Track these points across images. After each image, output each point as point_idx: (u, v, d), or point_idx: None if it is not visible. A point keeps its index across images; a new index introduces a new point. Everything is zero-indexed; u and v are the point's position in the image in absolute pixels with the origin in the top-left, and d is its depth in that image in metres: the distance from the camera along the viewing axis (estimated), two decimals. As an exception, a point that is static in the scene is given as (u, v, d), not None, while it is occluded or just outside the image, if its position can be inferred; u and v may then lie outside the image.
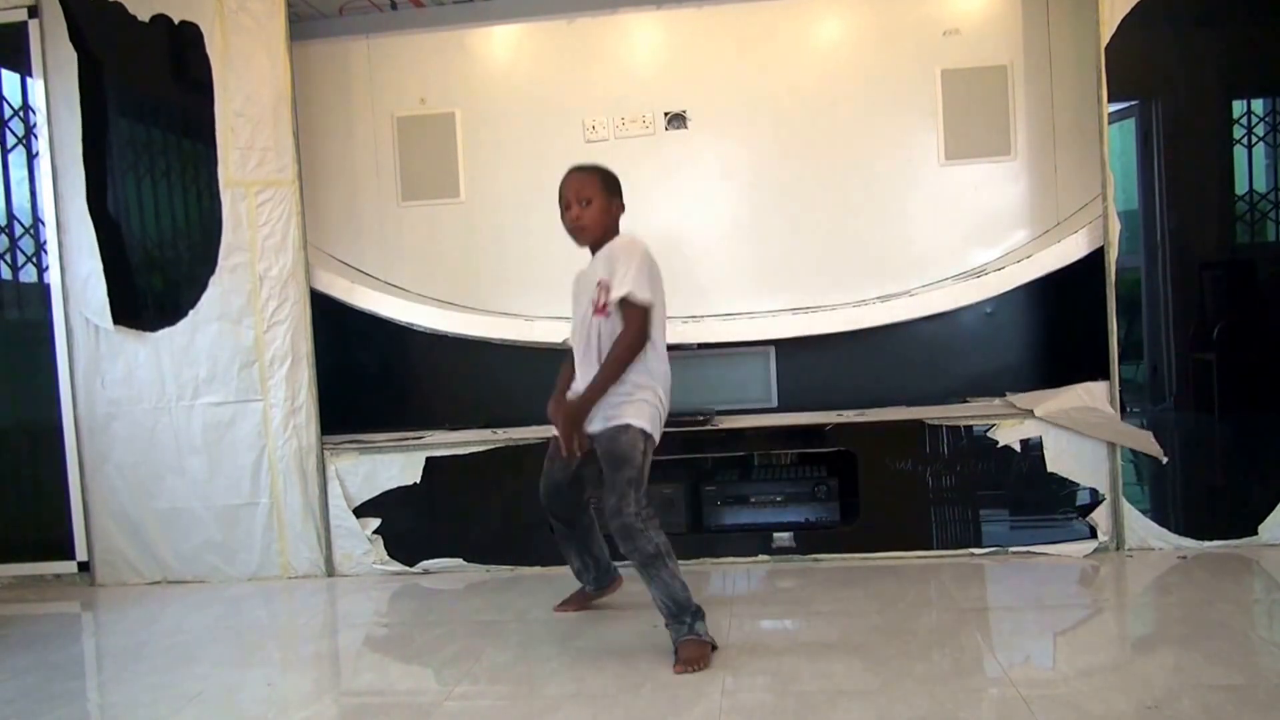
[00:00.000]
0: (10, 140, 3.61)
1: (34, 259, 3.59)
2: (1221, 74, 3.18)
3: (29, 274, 3.61)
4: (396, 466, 3.43)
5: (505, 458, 3.34)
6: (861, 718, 1.99)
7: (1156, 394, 3.26)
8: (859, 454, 3.28)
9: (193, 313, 3.43)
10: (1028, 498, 3.22)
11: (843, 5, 3.67)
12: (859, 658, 2.32)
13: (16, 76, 3.56)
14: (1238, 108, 3.20)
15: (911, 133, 3.61)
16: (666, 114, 3.73)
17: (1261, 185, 3.20)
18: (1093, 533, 3.16)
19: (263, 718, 2.22)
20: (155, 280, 3.57)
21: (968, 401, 3.48)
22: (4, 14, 3.46)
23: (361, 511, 3.43)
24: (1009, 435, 3.20)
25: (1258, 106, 3.20)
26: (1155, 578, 2.93)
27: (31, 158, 3.56)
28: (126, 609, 3.25)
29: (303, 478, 3.42)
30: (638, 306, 2.35)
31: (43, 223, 3.52)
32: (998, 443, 3.20)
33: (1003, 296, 3.47)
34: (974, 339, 3.62)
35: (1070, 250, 3.28)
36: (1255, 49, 3.18)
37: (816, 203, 3.67)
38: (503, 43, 3.85)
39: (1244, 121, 3.19)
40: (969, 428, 3.23)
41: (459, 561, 3.41)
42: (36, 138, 3.50)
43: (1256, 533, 3.11)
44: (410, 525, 3.43)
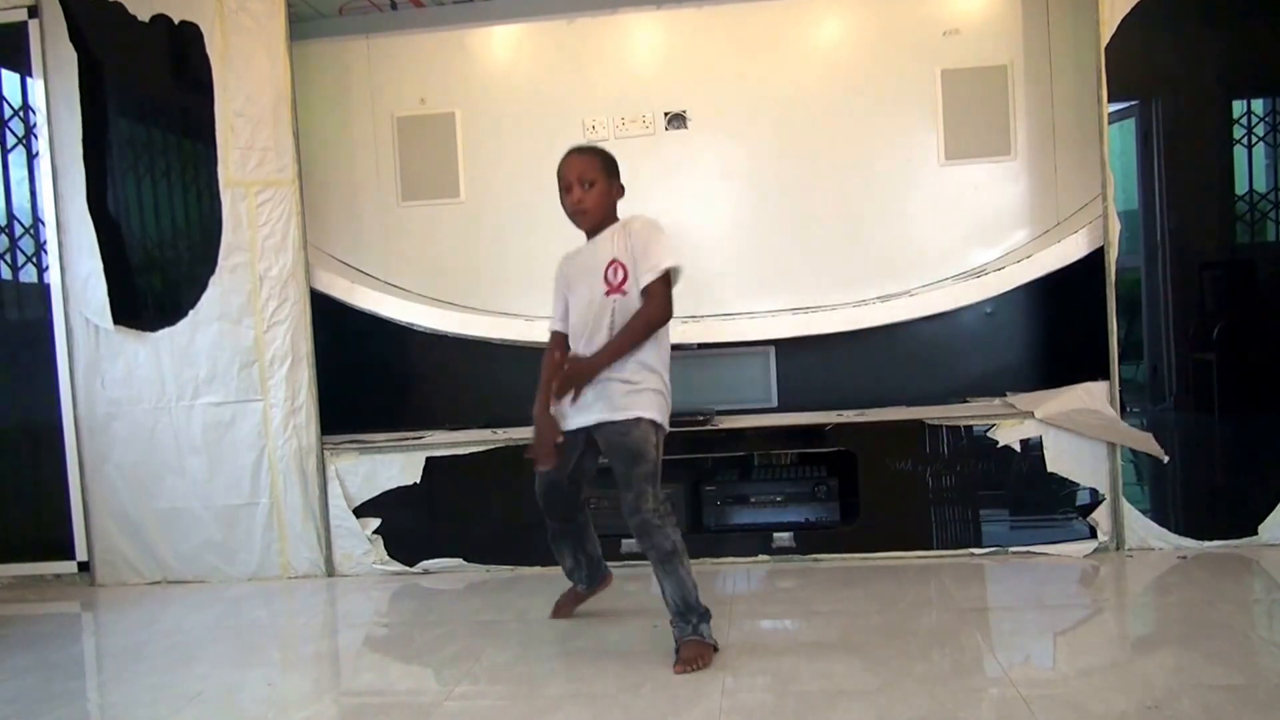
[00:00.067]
0: (10, 140, 3.61)
1: (34, 259, 3.59)
2: (1221, 74, 3.18)
3: (29, 274, 3.61)
4: (396, 466, 3.43)
5: (505, 458, 3.34)
6: (861, 718, 1.99)
7: (1156, 394, 3.26)
8: (859, 454, 3.27)
9: (193, 313, 3.43)
10: (1028, 498, 3.22)
11: (843, 5, 3.67)
12: (859, 658, 2.32)
13: (16, 76, 3.56)
14: (1238, 108, 3.20)
15: (911, 133, 3.61)
16: (666, 114, 3.73)
17: (1261, 185, 3.20)
18: (1093, 533, 3.16)
19: (263, 718, 2.22)
20: (155, 280, 3.57)
21: (968, 401, 3.48)
22: (4, 14, 3.46)
23: (361, 511, 3.43)
24: (1009, 435, 3.20)
25: (1258, 106, 3.20)
26: (1155, 578, 2.93)
27: (31, 158, 3.56)
28: (126, 609, 3.25)
29: (303, 478, 3.42)
30: (665, 281, 2.31)
31: (43, 223, 3.52)
32: (998, 443, 3.20)
33: (1003, 296, 3.47)
34: (974, 339, 3.62)
35: (1070, 250, 3.28)
36: (1255, 49, 3.18)
37: (816, 203, 3.68)
38: (503, 43, 3.86)
39: (1244, 121, 3.19)
40: (969, 428, 3.23)
41: (459, 561, 3.41)
42: (36, 138, 3.50)
43: (1256, 533, 3.11)
44: (410, 525, 3.43)
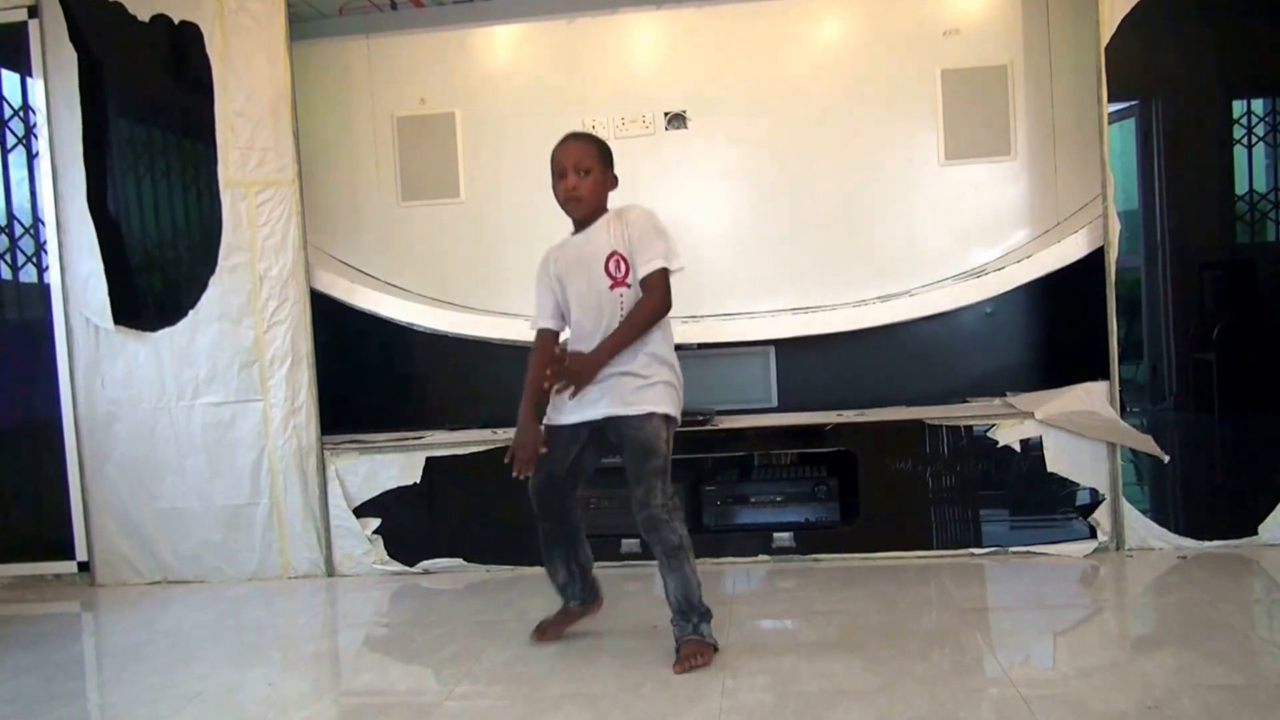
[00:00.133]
0: (10, 140, 3.61)
1: (34, 259, 3.59)
2: (1221, 74, 3.18)
3: (29, 274, 3.61)
4: (396, 466, 3.43)
5: (504, 457, 3.33)
6: (861, 718, 1.99)
7: (1156, 394, 3.26)
8: (859, 454, 3.27)
9: (193, 313, 3.43)
10: (1028, 498, 3.22)
11: (843, 5, 3.67)
12: (859, 658, 2.32)
13: (16, 76, 3.56)
14: (1238, 108, 3.20)
15: (911, 133, 3.61)
16: (666, 114, 3.73)
17: (1261, 185, 3.20)
18: (1093, 533, 3.16)
19: (263, 718, 2.22)
20: (155, 280, 3.57)
21: (968, 401, 3.48)
22: (4, 14, 3.46)
23: (361, 511, 3.43)
24: (1009, 435, 3.20)
25: (1258, 106, 3.20)
26: (1155, 578, 2.93)
27: (31, 158, 3.56)
28: (126, 609, 3.25)
29: (303, 478, 3.42)
30: (664, 272, 2.30)
31: (43, 223, 3.52)
32: (998, 443, 3.20)
33: (1003, 296, 3.47)
34: (974, 339, 3.62)
35: (1070, 250, 3.28)
36: (1255, 49, 3.18)
37: (817, 202, 3.67)
38: (503, 43, 3.86)
39: (1244, 121, 3.19)
40: (969, 428, 3.23)
41: (459, 561, 3.41)
42: (36, 138, 3.50)
43: (1256, 533, 3.11)
44: (410, 525, 3.43)
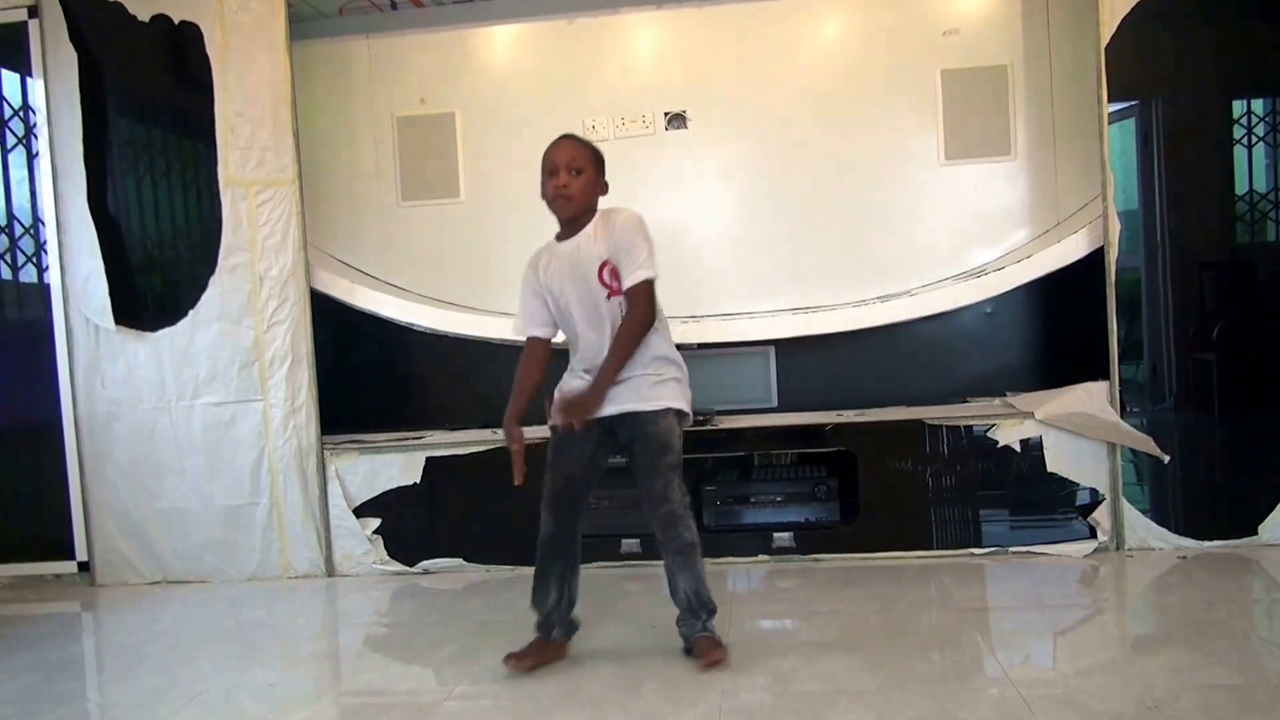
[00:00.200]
0: (10, 140, 3.61)
1: (34, 259, 3.59)
2: (1221, 74, 3.18)
3: (29, 274, 3.61)
4: (396, 466, 3.42)
5: (505, 458, 3.24)
6: (861, 718, 1.99)
7: (1156, 394, 3.26)
8: (859, 454, 3.27)
9: (193, 313, 3.43)
10: (1028, 498, 3.22)
11: (843, 5, 3.67)
12: (859, 658, 2.32)
13: (16, 76, 3.56)
14: (1238, 108, 3.20)
15: (911, 133, 3.61)
16: (666, 114, 3.72)
17: (1261, 185, 3.20)
18: (1093, 533, 3.16)
19: (263, 718, 2.22)
20: (155, 280, 3.57)
21: (968, 401, 3.48)
22: (4, 14, 3.46)
23: (361, 511, 3.43)
24: (1009, 435, 3.20)
25: (1258, 106, 3.20)
26: (1155, 578, 2.93)
27: (31, 158, 3.56)
28: (126, 609, 3.25)
29: (303, 478, 3.42)
30: (649, 282, 2.30)
31: (43, 223, 3.52)
32: (998, 443, 3.20)
33: (1003, 296, 3.47)
34: (974, 339, 3.62)
35: (1070, 250, 3.28)
36: (1255, 49, 3.18)
37: (816, 202, 3.67)
38: (503, 43, 3.86)
39: (1244, 121, 3.19)
40: (969, 428, 3.23)
41: (459, 561, 3.41)
42: (36, 138, 3.50)
43: (1256, 533, 3.11)
44: (410, 525, 3.43)
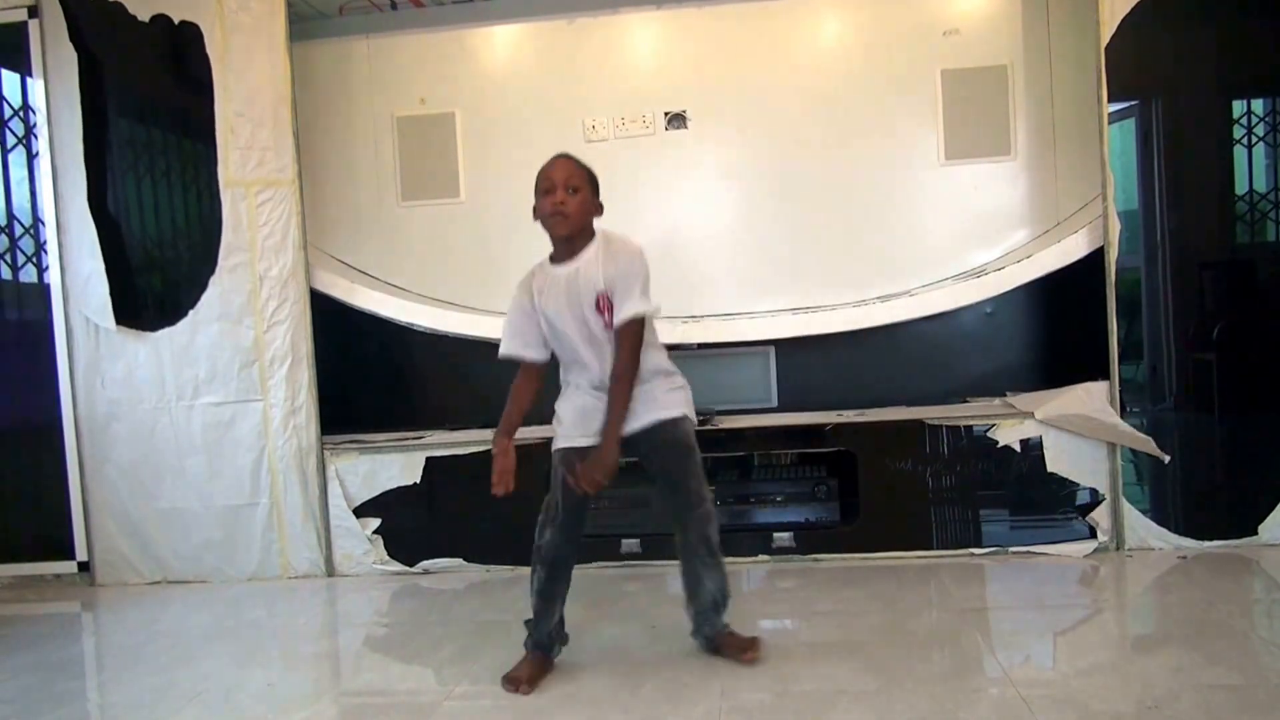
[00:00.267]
0: (10, 140, 3.61)
1: (34, 259, 3.59)
2: (1221, 74, 3.18)
3: (29, 274, 3.61)
4: (396, 466, 3.43)
5: None
6: (861, 718, 1.99)
7: (1156, 394, 3.26)
8: (859, 454, 3.27)
9: (193, 313, 3.43)
10: (1028, 498, 3.22)
11: (843, 5, 3.67)
12: (859, 658, 2.32)
13: (16, 76, 3.56)
14: (1238, 108, 3.20)
15: (911, 133, 3.61)
16: (666, 114, 3.73)
17: (1261, 185, 3.20)
18: (1093, 533, 3.16)
19: (263, 718, 2.22)
20: (155, 280, 3.57)
21: (968, 401, 3.48)
22: (4, 14, 3.46)
23: (361, 511, 3.43)
24: (1009, 435, 3.20)
25: (1258, 106, 3.20)
26: (1155, 578, 2.93)
27: (31, 158, 3.56)
28: (126, 609, 3.25)
29: (303, 478, 3.42)
30: (639, 322, 2.27)
31: (43, 223, 3.52)
32: (998, 443, 3.20)
33: (1003, 296, 3.47)
34: (974, 339, 3.62)
35: (1070, 250, 3.28)
36: (1255, 49, 3.18)
37: (816, 203, 3.67)
38: (503, 43, 3.86)
39: (1244, 121, 3.19)
40: (969, 428, 3.23)
41: (459, 561, 3.41)
42: (36, 138, 3.50)
43: (1256, 533, 3.11)
44: (410, 525, 3.43)
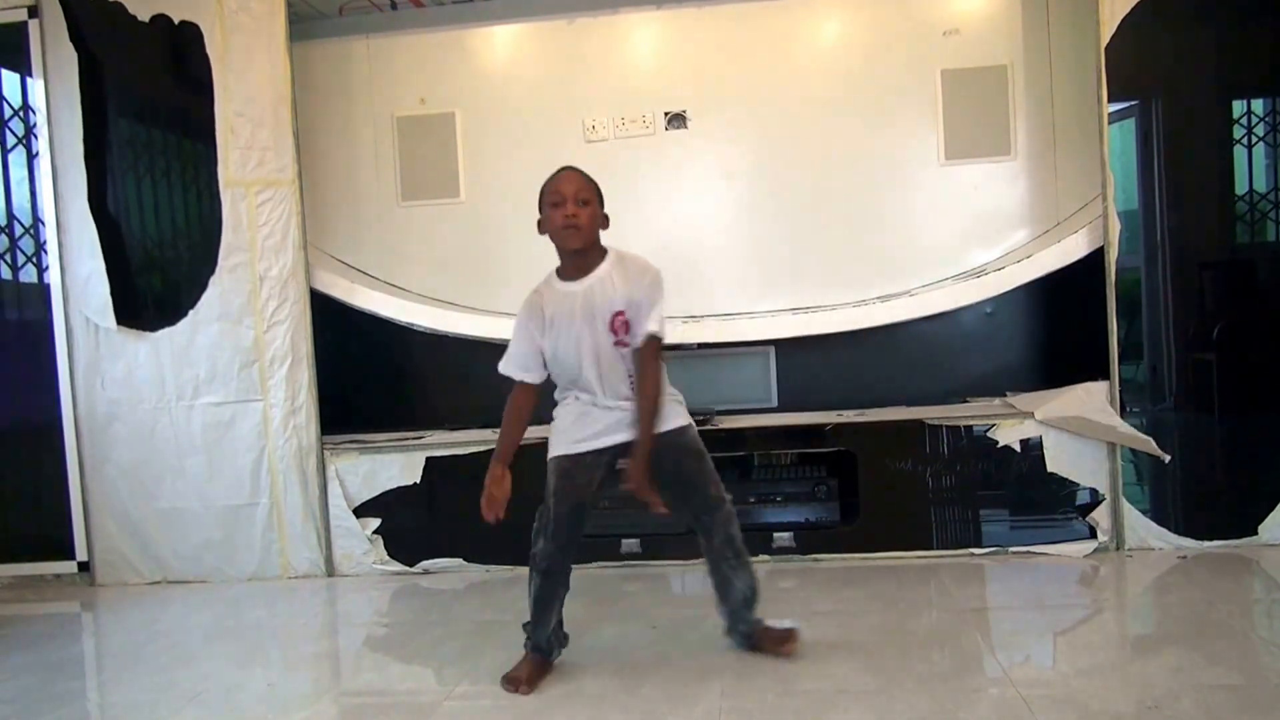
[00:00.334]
0: (10, 140, 3.61)
1: (34, 259, 3.59)
2: (1221, 74, 3.18)
3: (29, 274, 3.61)
4: (396, 466, 3.43)
5: None
6: (861, 718, 1.99)
7: (1156, 394, 3.26)
8: (859, 454, 3.27)
9: (193, 313, 3.43)
10: (1028, 498, 3.22)
11: (843, 5, 3.67)
12: (859, 658, 2.32)
13: (16, 76, 3.56)
14: (1238, 108, 3.20)
15: (911, 133, 3.61)
16: (666, 114, 3.73)
17: (1261, 185, 3.20)
18: (1093, 533, 3.16)
19: (263, 718, 2.22)
20: (155, 280, 3.57)
21: (968, 401, 3.48)
22: (4, 14, 3.46)
23: (361, 511, 3.43)
24: (1009, 435, 3.20)
25: (1258, 106, 3.20)
26: (1155, 578, 2.93)
27: (31, 158, 3.56)
28: (126, 609, 3.25)
29: (303, 478, 3.42)
30: (658, 342, 2.30)
31: (43, 223, 3.52)
32: (998, 443, 3.20)
33: (1003, 296, 3.47)
34: (974, 339, 3.62)
35: (1070, 250, 3.28)
36: (1255, 49, 3.18)
37: (816, 202, 3.67)
38: (503, 43, 3.86)
39: (1244, 121, 3.19)
40: (969, 428, 3.23)
41: (459, 561, 3.41)
42: (36, 138, 3.50)
43: (1256, 533, 3.11)
44: (410, 525, 3.43)
